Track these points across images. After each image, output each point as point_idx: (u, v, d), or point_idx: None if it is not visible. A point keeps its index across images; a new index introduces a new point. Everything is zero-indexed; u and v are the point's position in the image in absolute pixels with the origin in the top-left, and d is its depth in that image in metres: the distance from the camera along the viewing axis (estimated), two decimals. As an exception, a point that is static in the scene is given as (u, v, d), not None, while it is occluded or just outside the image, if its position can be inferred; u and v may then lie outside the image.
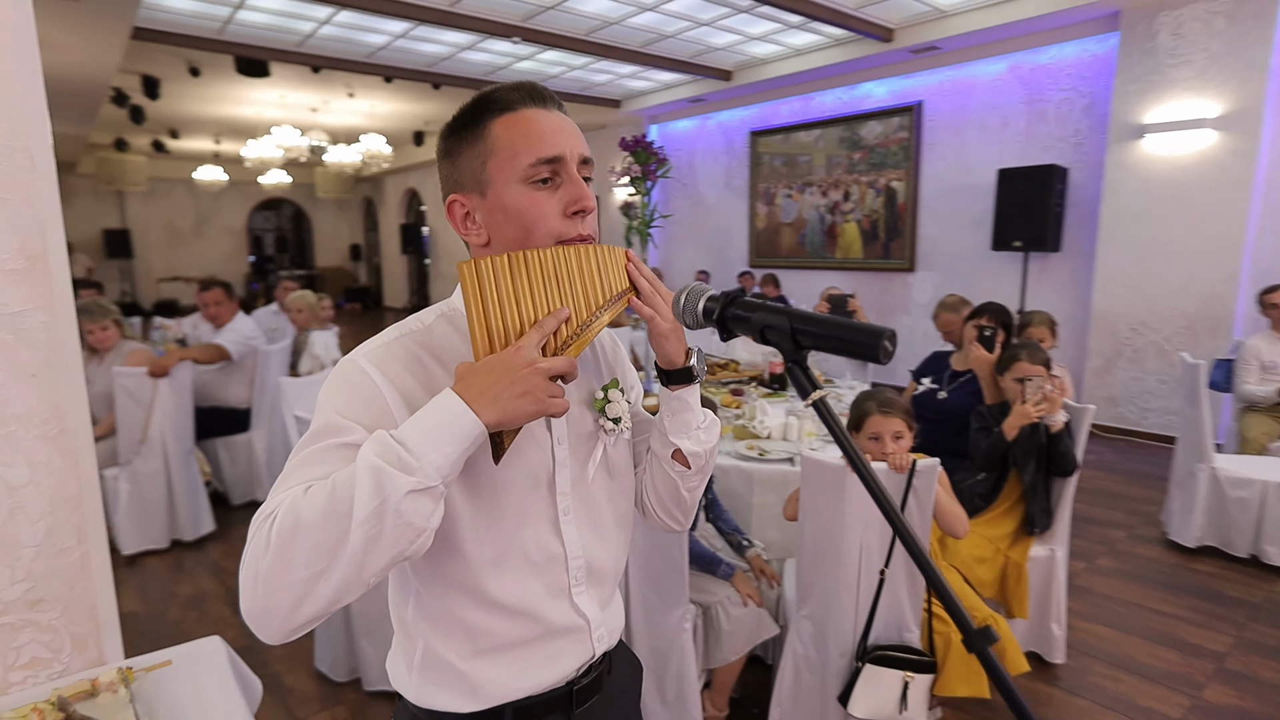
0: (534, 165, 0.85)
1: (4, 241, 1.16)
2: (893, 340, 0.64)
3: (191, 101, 9.44)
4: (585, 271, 0.88)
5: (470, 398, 0.75)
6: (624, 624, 1.09)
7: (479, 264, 0.82)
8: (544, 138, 0.86)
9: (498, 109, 0.87)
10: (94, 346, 3.58)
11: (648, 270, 0.95)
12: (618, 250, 0.93)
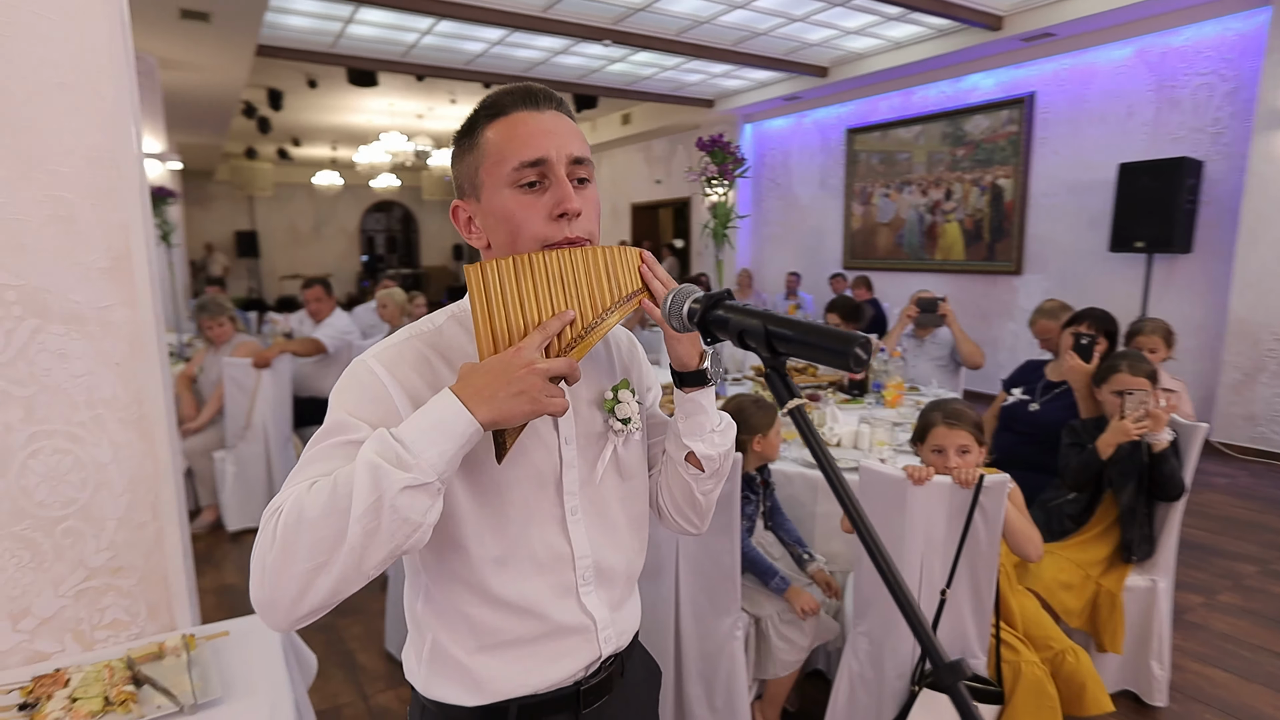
0: (518, 169, 0.86)
1: (94, 243, 1.29)
2: (865, 348, 0.61)
3: (310, 111, 10.16)
4: (593, 274, 0.88)
5: (466, 396, 0.76)
6: (638, 626, 1.08)
7: (485, 267, 0.84)
8: (528, 141, 0.86)
9: (490, 114, 0.89)
10: (211, 339, 3.93)
11: (661, 271, 0.94)
12: (631, 251, 0.92)
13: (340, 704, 2.40)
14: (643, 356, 1.11)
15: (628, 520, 1.02)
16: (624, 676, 1.04)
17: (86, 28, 1.26)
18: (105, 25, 1.28)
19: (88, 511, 1.34)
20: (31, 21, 1.22)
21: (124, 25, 1.33)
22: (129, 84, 1.35)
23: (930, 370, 3.94)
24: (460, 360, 0.90)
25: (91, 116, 1.26)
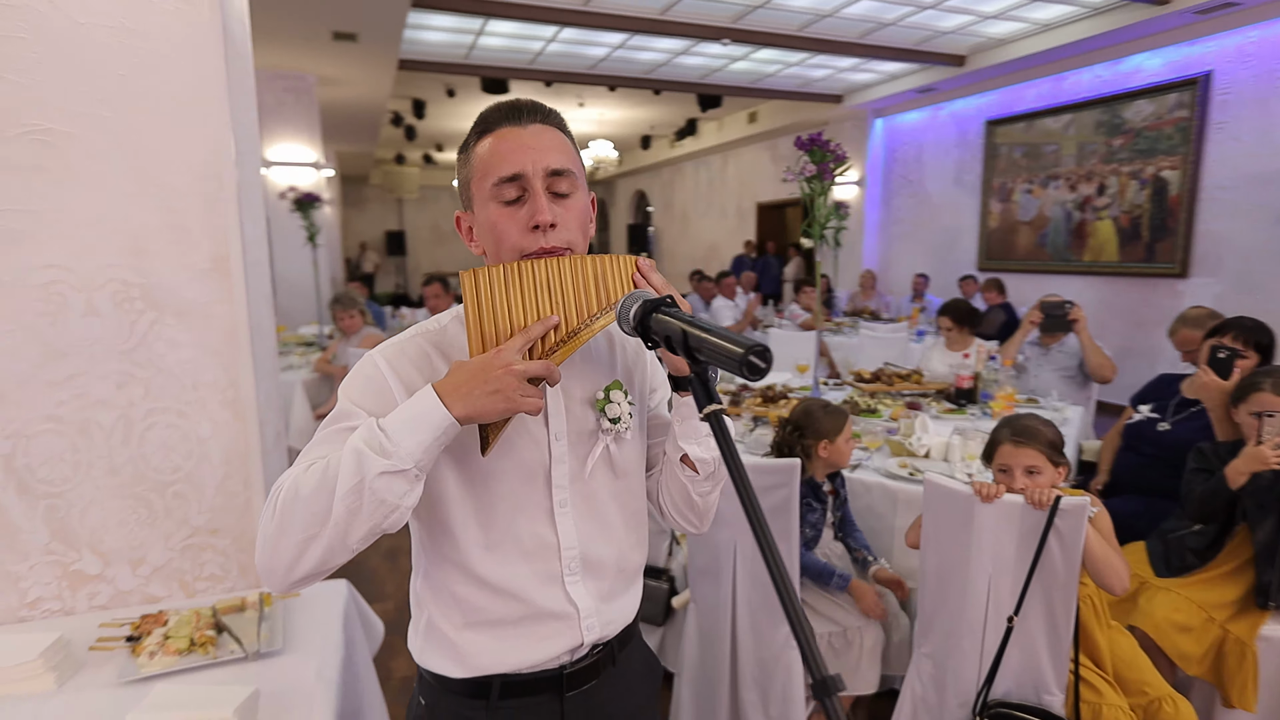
0: (497, 185, 0.92)
1: (199, 247, 1.50)
2: (761, 356, 0.61)
3: (451, 118, 10.89)
4: (580, 282, 0.92)
5: (444, 392, 0.84)
6: (633, 617, 1.11)
7: (478, 273, 0.91)
8: (506, 157, 0.92)
9: (480, 130, 0.95)
10: (343, 330, 4.34)
11: (657, 279, 0.96)
12: (627, 259, 0.96)
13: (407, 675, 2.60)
14: (651, 359, 1.13)
15: (622, 516, 1.06)
16: (615, 666, 1.08)
17: (199, 63, 1.47)
18: (213, 60, 1.48)
19: (191, 478, 1.56)
20: (153, 61, 1.44)
21: (229, 58, 1.53)
22: (233, 106, 1.55)
23: (1054, 381, 3.64)
24: (459, 358, 0.98)
25: (198, 137, 1.47)
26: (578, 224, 0.97)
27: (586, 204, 1.00)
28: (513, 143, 0.92)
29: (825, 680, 0.57)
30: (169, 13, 1.44)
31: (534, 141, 0.92)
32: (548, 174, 0.92)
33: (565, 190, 0.95)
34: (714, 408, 0.67)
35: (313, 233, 5.28)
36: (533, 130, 0.93)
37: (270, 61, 6.38)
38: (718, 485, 1.06)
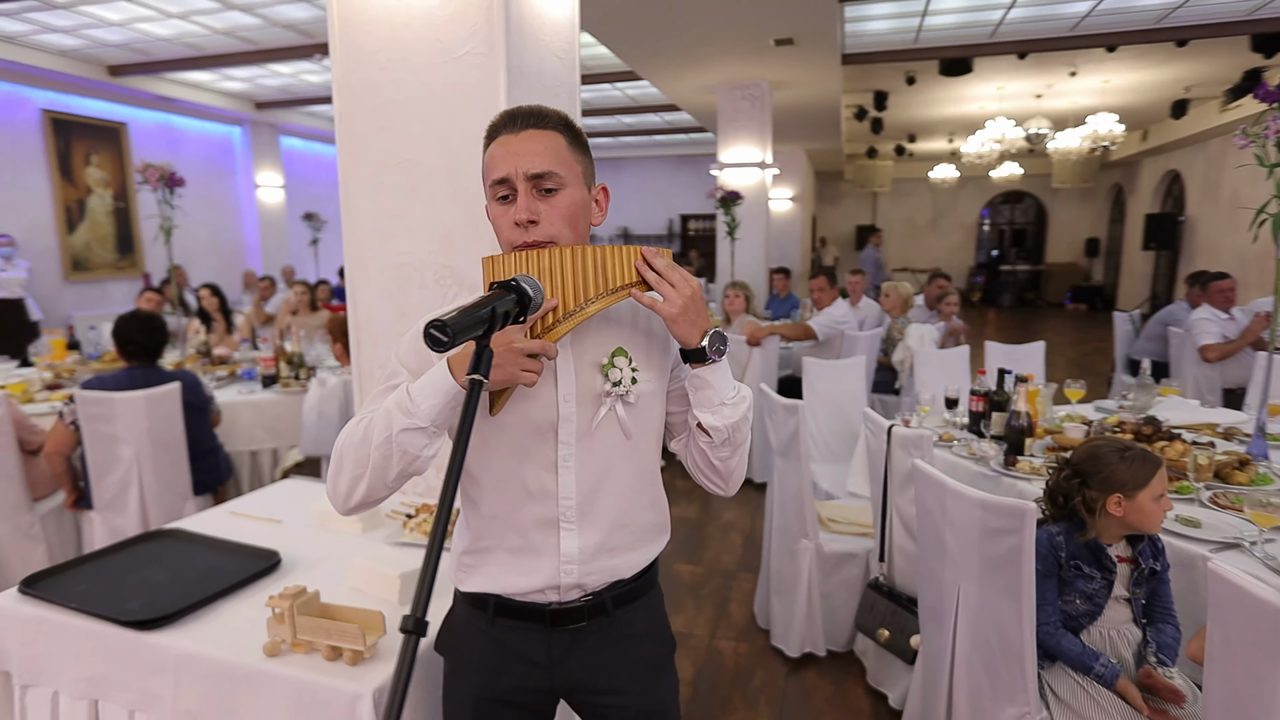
0: (492, 186, 1.06)
1: (489, 240, 1.99)
2: (441, 329, 0.66)
3: (917, 107, 10.47)
4: (580, 269, 1.03)
5: (455, 364, 1.04)
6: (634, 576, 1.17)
7: (494, 259, 1.09)
8: (497, 163, 1.05)
9: (488, 137, 1.09)
10: (727, 313, 4.80)
11: (660, 263, 1.04)
12: (630, 249, 1.04)
13: (690, 632, 2.83)
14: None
15: (629, 476, 1.14)
16: (609, 617, 1.14)
17: (492, 96, 1.94)
18: (502, 91, 1.93)
19: (473, 413, 2.09)
20: (459, 97, 1.97)
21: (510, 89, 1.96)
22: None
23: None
24: None
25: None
26: (562, 219, 1.06)
27: (576, 200, 1.07)
28: (504, 149, 1.06)
29: (411, 618, 0.62)
30: (470, 63, 1.94)
31: (521, 147, 1.04)
32: (528, 177, 1.04)
33: (551, 187, 1.05)
34: (473, 378, 0.73)
35: (732, 227, 5.83)
36: (524, 136, 1.05)
37: (730, 74, 7.20)
38: (736, 450, 1.12)
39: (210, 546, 1.75)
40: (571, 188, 1.07)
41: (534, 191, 1.04)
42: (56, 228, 7.81)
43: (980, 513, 1.65)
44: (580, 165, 1.10)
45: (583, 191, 1.10)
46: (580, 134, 1.12)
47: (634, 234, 15.12)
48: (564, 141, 1.07)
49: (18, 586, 1.54)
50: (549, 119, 1.07)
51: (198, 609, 1.47)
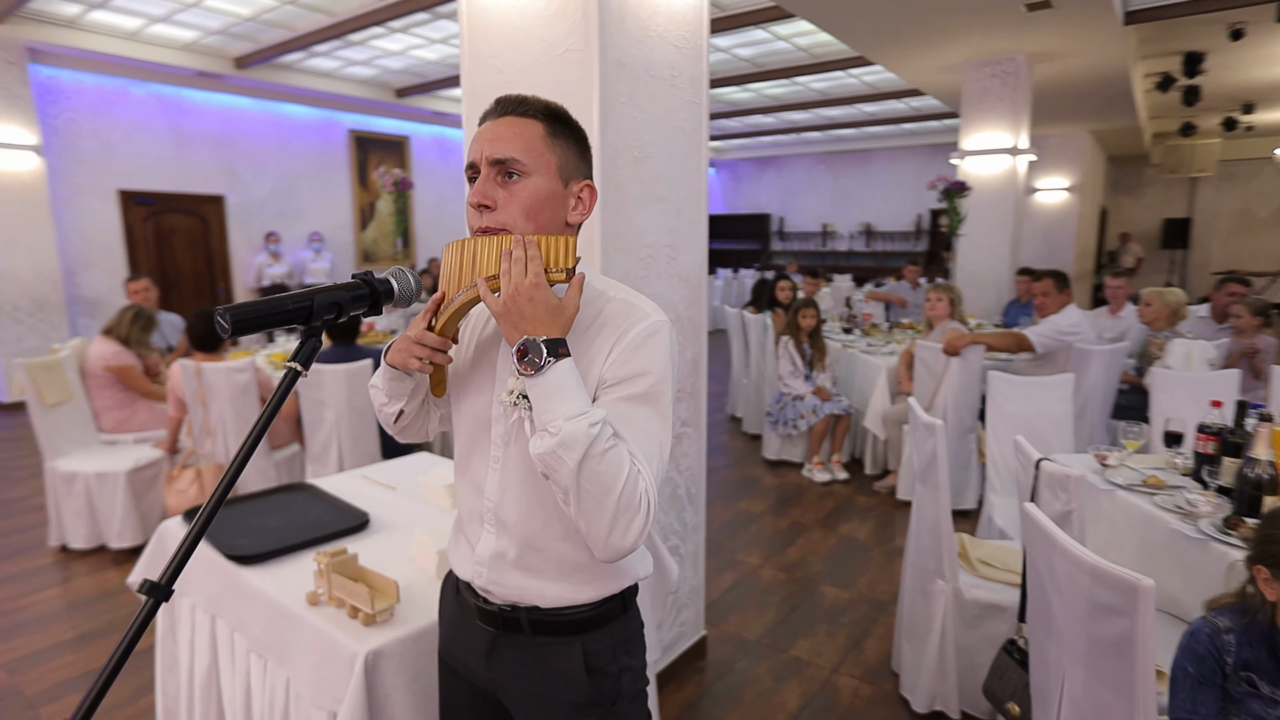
0: (466, 171, 1.08)
1: (577, 233, 2.04)
2: (223, 317, 0.70)
3: (1248, 67, 8.43)
4: (461, 261, 1.03)
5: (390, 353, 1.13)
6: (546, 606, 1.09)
7: (451, 244, 1.13)
8: (472, 147, 1.06)
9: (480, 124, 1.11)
10: (929, 318, 4.33)
11: (518, 253, 0.98)
12: (503, 239, 1.00)
13: (811, 660, 2.62)
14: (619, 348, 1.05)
15: (542, 497, 1.07)
16: (528, 638, 1.11)
17: (587, 90, 1.98)
18: (596, 86, 1.96)
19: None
20: (559, 94, 2.02)
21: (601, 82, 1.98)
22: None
23: None
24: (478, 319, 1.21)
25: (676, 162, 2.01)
26: (520, 208, 1.04)
27: (540, 190, 1.04)
28: (479, 135, 1.07)
29: (154, 585, 0.68)
30: (568, 60, 1.99)
31: (492, 133, 1.05)
32: (491, 162, 1.04)
33: (513, 173, 1.03)
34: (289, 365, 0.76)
35: (956, 223, 5.25)
36: (500, 122, 1.05)
37: (976, 49, 6.45)
38: (568, 495, 0.94)
39: (323, 502, 2.03)
40: (537, 177, 1.03)
41: (496, 177, 1.04)
42: (353, 226, 9.53)
43: (1089, 581, 1.31)
44: (555, 157, 1.06)
45: (552, 183, 1.06)
46: (569, 126, 1.08)
47: (877, 230, 14.24)
48: (540, 130, 1.05)
49: (183, 515, 1.93)
50: (530, 107, 1.06)
51: (283, 554, 1.72)
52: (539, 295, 0.97)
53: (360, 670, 1.33)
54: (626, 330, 1.04)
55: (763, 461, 5.01)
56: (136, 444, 3.79)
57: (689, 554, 2.55)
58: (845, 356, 5.22)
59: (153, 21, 6.56)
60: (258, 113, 8.53)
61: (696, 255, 2.44)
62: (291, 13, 6.38)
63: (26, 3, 5.91)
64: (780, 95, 10.33)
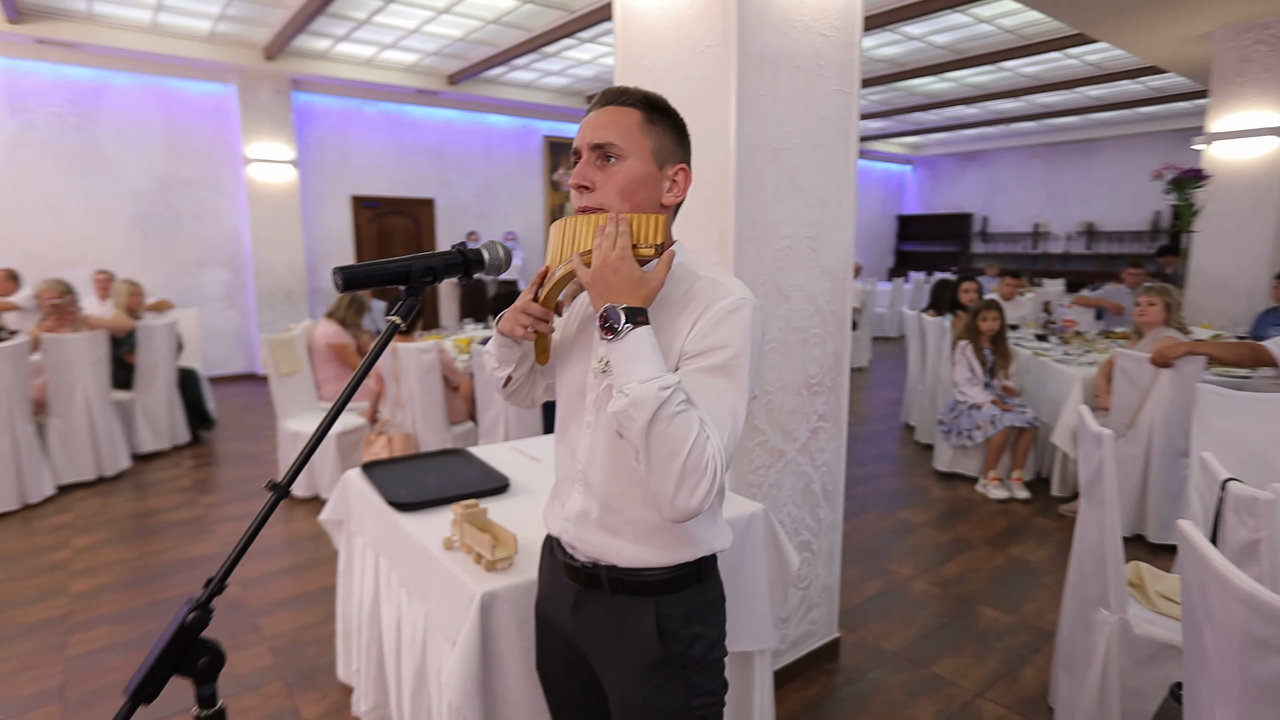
0: (571, 156, 1.19)
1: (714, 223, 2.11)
2: (336, 273, 0.85)
3: None
4: (563, 238, 1.15)
5: (501, 323, 1.28)
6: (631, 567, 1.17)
7: (559, 221, 1.26)
8: (577, 135, 1.18)
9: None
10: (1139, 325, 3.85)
11: (609, 229, 1.08)
12: (599, 218, 1.11)
13: (955, 680, 2.46)
14: (701, 322, 1.11)
15: (622, 460, 1.16)
16: (608, 596, 1.20)
17: (724, 84, 2.03)
18: (733, 79, 2.02)
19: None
20: (699, 89, 2.10)
21: (739, 76, 2.03)
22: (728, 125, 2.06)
23: None
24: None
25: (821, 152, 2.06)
26: (615, 189, 1.14)
27: (635, 172, 1.13)
28: (584, 124, 1.18)
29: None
30: (709, 56, 2.06)
31: (594, 120, 1.16)
32: (591, 147, 1.16)
33: (610, 157, 1.14)
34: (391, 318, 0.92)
35: (1188, 216, 4.60)
36: (601, 111, 1.16)
37: (1237, 13, 5.56)
38: (638, 453, 1.01)
39: (474, 466, 2.27)
40: (633, 160, 1.13)
41: (595, 160, 1.14)
42: (543, 225, 10.25)
43: (1244, 611, 1.15)
44: (651, 142, 1.15)
45: (647, 166, 1.14)
46: (666, 114, 1.17)
47: (1101, 230, 12.68)
48: (638, 118, 1.14)
49: (360, 467, 2.26)
50: (629, 97, 1.15)
51: (432, 506, 1.96)
52: (624, 267, 1.06)
53: (477, 608, 1.50)
54: (710, 306, 1.10)
55: (932, 473, 4.72)
56: (347, 412, 4.41)
57: (822, 551, 2.52)
58: (1036, 365, 4.77)
59: (383, 49, 7.54)
60: (465, 124, 9.47)
61: (841, 247, 2.40)
62: (495, 30, 7.03)
63: (292, 42, 7.06)
64: (985, 83, 9.58)
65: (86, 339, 4.44)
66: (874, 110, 11.19)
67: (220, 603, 2.55)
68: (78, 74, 7.03)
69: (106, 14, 6.41)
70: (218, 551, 3.47)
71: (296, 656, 2.60)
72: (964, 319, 4.97)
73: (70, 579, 3.19)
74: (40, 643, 2.68)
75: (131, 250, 7.42)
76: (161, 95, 7.45)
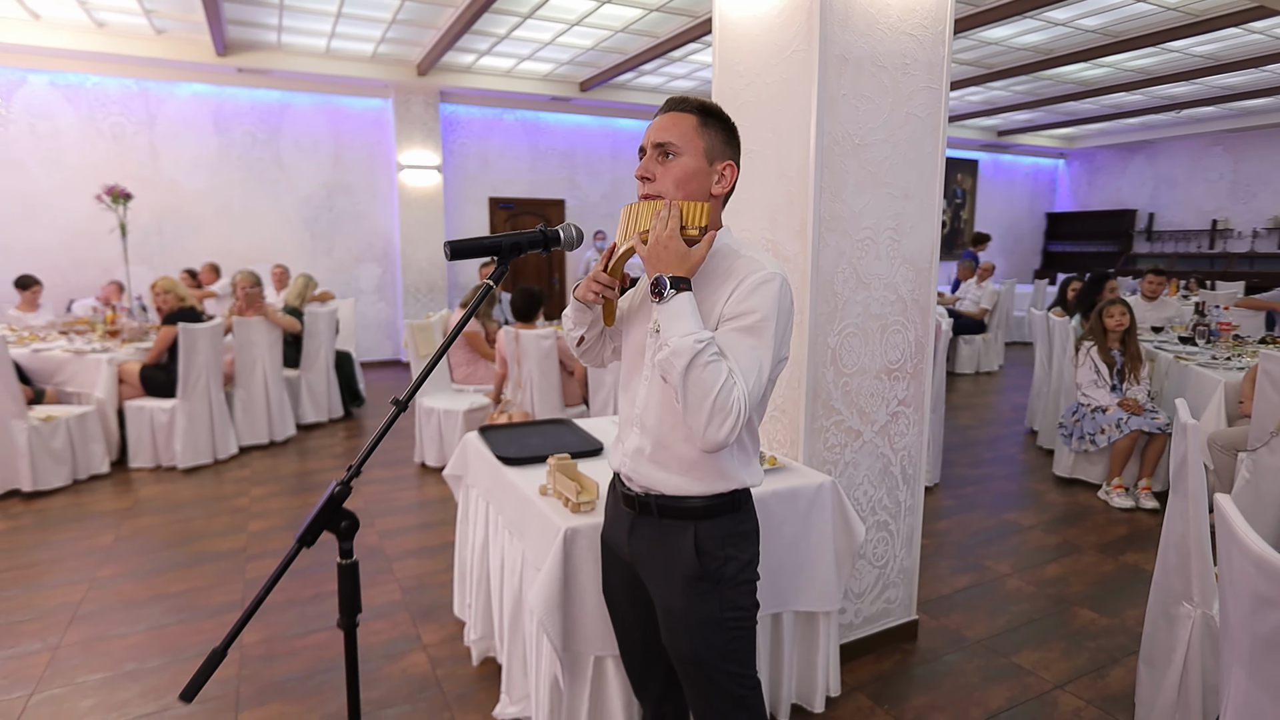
0: (639, 153, 1.45)
1: (795, 217, 2.29)
2: (446, 245, 1.15)
3: None
4: (628, 220, 1.41)
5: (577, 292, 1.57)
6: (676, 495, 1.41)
7: (628, 206, 1.52)
8: (645, 135, 1.43)
9: None
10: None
11: (663, 213, 1.33)
12: (652, 204, 1.37)
13: (1035, 670, 2.48)
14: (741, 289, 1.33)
15: (669, 406, 1.40)
16: (656, 519, 1.45)
17: (807, 85, 2.21)
18: (815, 81, 2.19)
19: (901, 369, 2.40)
20: (785, 91, 2.28)
21: (820, 77, 2.20)
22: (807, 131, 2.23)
23: None
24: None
25: (907, 147, 2.24)
26: (672, 180, 1.39)
27: (689, 167, 1.37)
28: (650, 126, 1.44)
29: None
30: (794, 60, 2.24)
31: (658, 123, 1.42)
32: (654, 145, 1.41)
33: (669, 153, 1.39)
34: (484, 284, 1.21)
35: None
36: (665, 116, 1.41)
37: None
38: (677, 393, 1.27)
39: (575, 433, 2.58)
40: (687, 157, 1.38)
41: (657, 156, 1.40)
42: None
43: (1254, 572, 1.22)
44: (704, 142, 1.39)
45: (699, 162, 1.39)
46: (719, 119, 1.41)
47: None
48: (694, 122, 1.39)
49: (478, 430, 2.63)
50: (688, 104, 1.40)
51: (534, 462, 2.28)
52: (672, 244, 1.31)
53: (560, 540, 1.79)
54: (745, 278, 1.33)
55: (1051, 478, 4.57)
56: (475, 393, 4.91)
57: (900, 533, 2.62)
58: (1177, 370, 4.50)
59: (521, 60, 8.14)
60: (595, 128, 9.98)
61: (925, 238, 2.50)
62: (624, 39, 7.42)
63: (441, 58, 7.80)
64: (1148, 67, 8.89)
65: (266, 324, 5.22)
66: (1017, 101, 10.64)
67: (360, 548, 3.03)
68: (266, 96, 8.13)
69: (291, 43, 7.39)
70: (361, 506, 4.03)
71: (421, 595, 3.03)
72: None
73: (248, 520, 3.84)
74: (226, 566, 3.28)
75: (302, 248, 8.47)
76: (330, 111, 8.45)
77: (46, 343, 5.13)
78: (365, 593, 3.02)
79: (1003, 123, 12.55)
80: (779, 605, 2.15)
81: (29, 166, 7.19)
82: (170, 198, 7.81)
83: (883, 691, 2.40)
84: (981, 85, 9.49)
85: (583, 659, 1.90)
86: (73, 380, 4.79)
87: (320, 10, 6.49)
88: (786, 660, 2.22)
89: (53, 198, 7.30)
